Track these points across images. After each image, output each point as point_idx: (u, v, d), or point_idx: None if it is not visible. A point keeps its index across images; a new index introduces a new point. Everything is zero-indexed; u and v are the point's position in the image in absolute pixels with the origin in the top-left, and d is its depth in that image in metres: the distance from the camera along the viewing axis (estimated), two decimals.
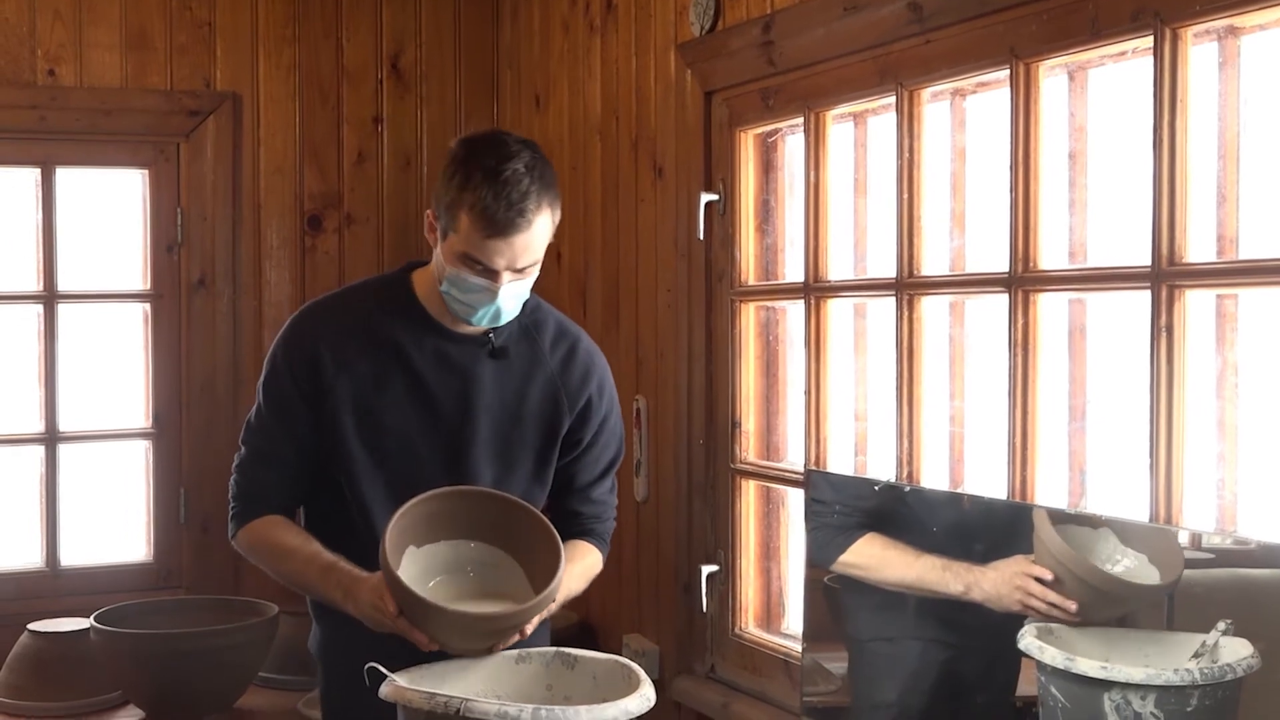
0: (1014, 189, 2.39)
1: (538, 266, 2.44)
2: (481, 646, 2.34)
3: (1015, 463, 2.40)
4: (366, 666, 2.21)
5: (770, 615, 3.28)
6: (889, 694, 2.76)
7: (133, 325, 4.19)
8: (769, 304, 3.22)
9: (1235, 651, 2.14)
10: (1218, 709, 2.16)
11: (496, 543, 2.41)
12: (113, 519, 4.22)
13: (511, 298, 2.44)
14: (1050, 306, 2.39)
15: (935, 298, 2.66)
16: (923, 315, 2.67)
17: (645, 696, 2.22)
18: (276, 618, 3.70)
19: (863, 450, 2.94)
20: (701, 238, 3.26)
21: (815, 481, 2.82)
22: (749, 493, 3.26)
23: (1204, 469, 2.12)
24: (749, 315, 3.25)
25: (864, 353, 2.93)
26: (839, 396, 2.96)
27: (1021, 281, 2.39)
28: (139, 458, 4.19)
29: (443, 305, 2.49)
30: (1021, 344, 2.39)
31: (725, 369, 3.27)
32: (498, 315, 2.45)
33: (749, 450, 3.26)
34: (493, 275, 2.39)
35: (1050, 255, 2.40)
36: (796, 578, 3.24)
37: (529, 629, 2.35)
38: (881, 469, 2.88)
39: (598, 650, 2.52)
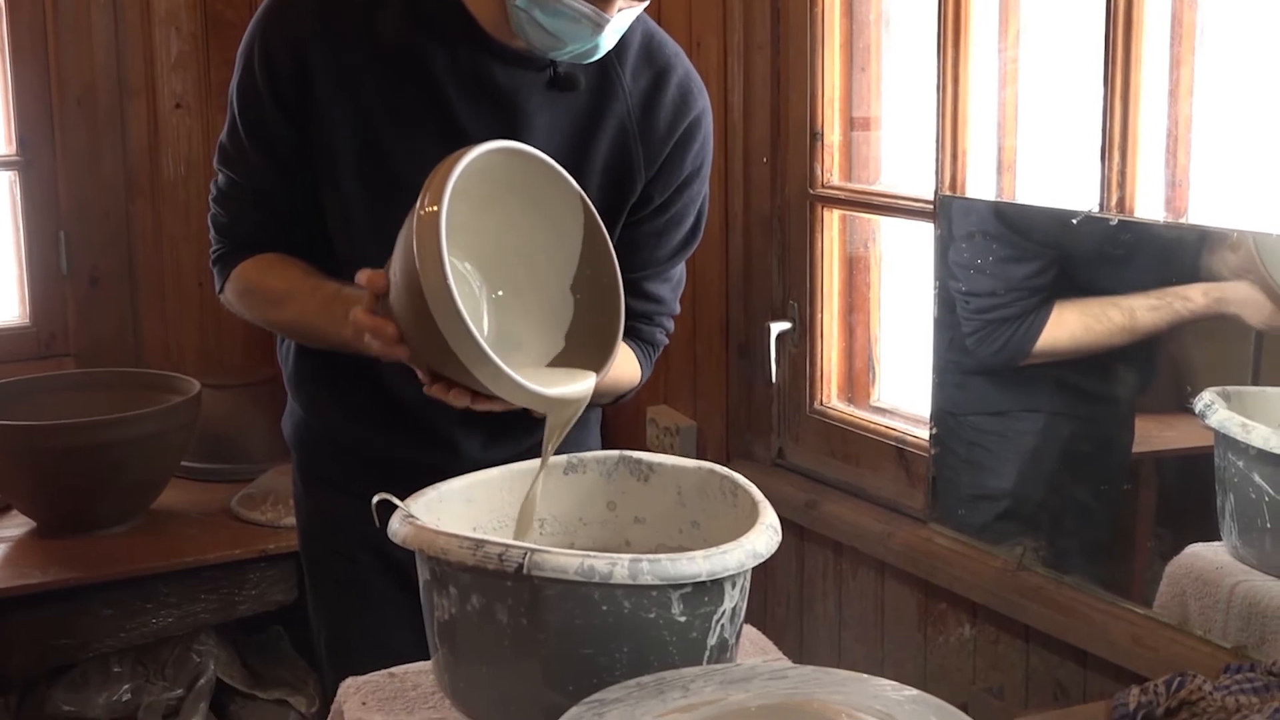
0: None
1: None
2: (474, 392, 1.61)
3: None
4: (376, 499, 1.57)
5: (855, 386, 2.57)
6: (1002, 480, 2.22)
7: None
8: None
9: None
10: None
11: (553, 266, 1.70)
12: None
13: (615, 33, 1.73)
14: None
15: None
16: None
17: (771, 528, 1.55)
18: (198, 397, 2.99)
19: (1009, 170, 2.19)
20: None
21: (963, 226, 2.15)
22: (833, 227, 2.52)
23: None
24: None
25: (1014, 35, 2.15)
26: (980, 97, 2.20)
27: None
28: (2, 193, 3.48)
29: (498, 10, 1.74)
30: None
31: (801, 60, 2.49)
32: (591, 53, 1.74)
33: (833, 170, 2.49)
34: (604, 2, 1.66)
35: None
36: (890, 337, 2.54)
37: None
38: (1035, 194, 2.16)
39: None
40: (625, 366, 1.91)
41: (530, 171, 1.64)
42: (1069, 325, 2.08)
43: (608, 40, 1.72)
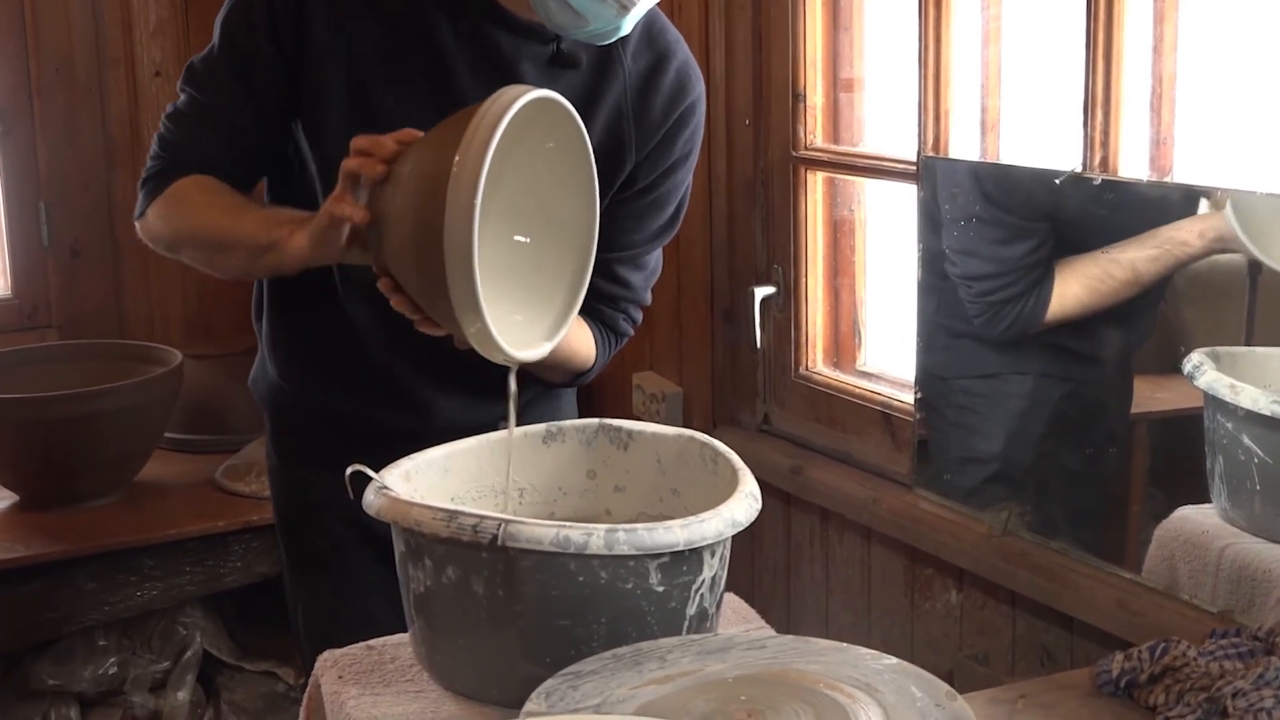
0: None
1: None
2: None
3: None
4: (349, 470, 1.54)
5: (840, 350, 2.54)
6: (991, 444, 2.18)
7: None
8: None
9: None
10: None
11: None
12: None
13: (636, 16, 1.69)
14: None
15: None
16: None
17: (750, 495, 1.53)
18: (180, 368, 2.96)
19: (993, 130, 2.16)
20: None
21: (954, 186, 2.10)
22: (816, 190, 2.48)
23: None
24: None
25: None
26: (963, 56, 2.16)
27: None
28: None
29: None
30: None
31: (783, 20, 2.45)
32: (611, 35, 1.70)
33: (816, 132, 2.46)
34: None
35: None
36: (875, 301, 2.51)
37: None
38: (1019, 155, 2.12)
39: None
40: (581, 340, 1.87)
41: (556, 123, 1.58)
42: (1074, 291, 2.04)
43: (629, 23, 1.68)
